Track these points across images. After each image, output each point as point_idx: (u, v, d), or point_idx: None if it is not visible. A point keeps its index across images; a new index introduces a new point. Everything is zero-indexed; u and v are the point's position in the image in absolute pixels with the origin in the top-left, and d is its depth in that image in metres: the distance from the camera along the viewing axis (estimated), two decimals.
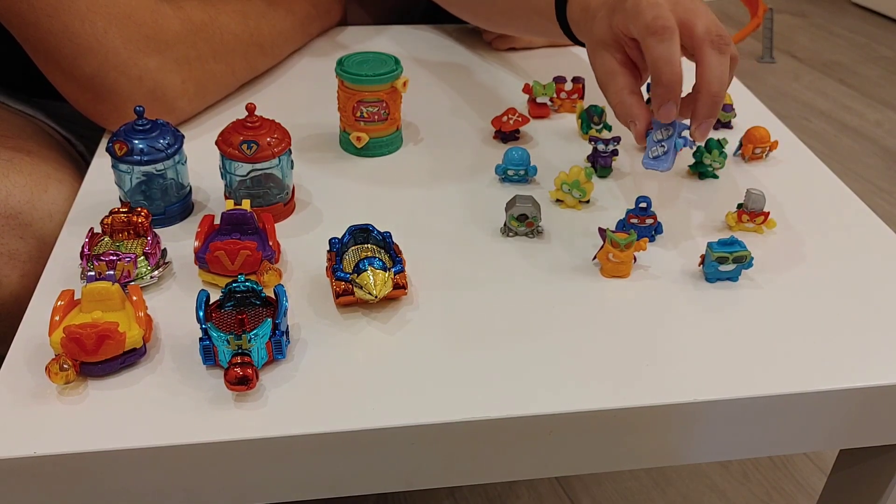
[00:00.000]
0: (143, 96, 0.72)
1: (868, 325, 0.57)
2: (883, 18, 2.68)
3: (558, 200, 0.69)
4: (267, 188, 0.65)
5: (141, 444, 0.47)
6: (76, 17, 0.68)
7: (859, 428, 0.56)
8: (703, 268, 0.61)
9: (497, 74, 0.91)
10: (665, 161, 0.63)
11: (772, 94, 2.19)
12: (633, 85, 0.64)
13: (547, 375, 0.52)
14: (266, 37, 0.84)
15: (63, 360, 0.49)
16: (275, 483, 0.50)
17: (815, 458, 1.13)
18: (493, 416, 0.49)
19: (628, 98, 0.64)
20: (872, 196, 1.76)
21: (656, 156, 0.63)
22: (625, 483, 1.09)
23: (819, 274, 0.62)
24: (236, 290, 0.53)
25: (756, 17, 2.32)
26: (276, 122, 0.65)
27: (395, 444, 0.50)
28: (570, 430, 0.51)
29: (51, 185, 0.67)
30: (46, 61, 0.71)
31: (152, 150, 0.62)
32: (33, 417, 0.48)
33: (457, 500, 1.06)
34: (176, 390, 0.50)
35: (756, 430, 0.54)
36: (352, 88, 0.72)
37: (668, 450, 0.54)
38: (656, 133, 0.63)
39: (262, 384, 0.51)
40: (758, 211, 0.65)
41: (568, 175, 0.67)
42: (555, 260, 0.62)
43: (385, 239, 0.59)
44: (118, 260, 0.56)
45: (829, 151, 1.93)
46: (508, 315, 0.57)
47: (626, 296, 0.59)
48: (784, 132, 0.80)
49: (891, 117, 2.09)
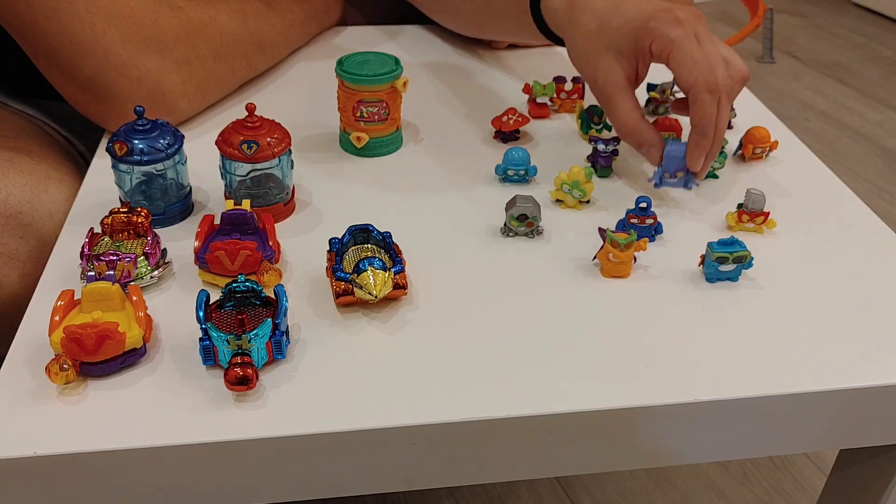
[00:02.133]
0: (143, 97, 0.72)
1: (868, 325, 0.57)
2: (883, 18, 2.68)
3: (558, 200, 0.69)
4: (267, 188, 0.65)
5: (141, 444, 0.47)
6: (75, 19, 0.68)
7: (859, 428, 0.56)
8: (703, 268, 0.61)
9: (497, 74, 0.91)
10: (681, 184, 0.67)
11: (772, 94, 2.19)
12: (639, 106, 0.68)
13: (547, 375, 0.52)
14: (266, 36, 0.84)
15: (63, 360, 0.49)
16: (275, 483, 0.50)
17: (815, 458, 1.13)
18: (493, 416, 0.49)
19: (642, 124, 0.68)
20: (872, 196, 1.76)
21: (670, 182, 0.67)
22: (625, 483, 1.09)
23: (819, 274, 0.62)
24: (236, 290, 0.53)
25: (756, 17, 2.32)
26: (276, 122, 0.65)
27: (395, 444, 0.50)
28: (570, 430, 0.51)
29: (51, 185, 0.67)
30: (46, 62, 0.71)
31: (152, 150, 0.62)
32: (33, 417, 0.48)
33: (457, 500, 1.06)
34: (176, 390, 0.50)
35: (756, 430, 0.54)
36: (352, 88, 0.72)
37: (668, 450, 0.54)
38: (668, 170, 0.67)
39: (262, 384, 0.51)
40: (758, 211, 0.65)
41: (568, 175, 0.67)
42: (555, 260, 0.62)
43: (385, 239, 0.59)
44: (118, 260, 0.56)
45: (829, 151, 1.93)
46: (508, 315, 0.57)
47: (626, 296, 0.59)
48: (784, 132, 0.80)
49: (891, 117, 2.09)
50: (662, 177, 0.67)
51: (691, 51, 0.64)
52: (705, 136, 0.65)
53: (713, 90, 0.63)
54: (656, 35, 0.65)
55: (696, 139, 0.65)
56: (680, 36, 0.64)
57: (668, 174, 0.66)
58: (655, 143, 0.67)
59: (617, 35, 0.67)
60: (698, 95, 0.64)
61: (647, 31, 0.66)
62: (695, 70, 0.64)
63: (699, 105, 0.64)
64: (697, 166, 0.66)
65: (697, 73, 0.63)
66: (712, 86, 0.63)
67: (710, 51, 0.64)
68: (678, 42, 0.64)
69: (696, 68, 0.63)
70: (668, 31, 0.65)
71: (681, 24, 0.65)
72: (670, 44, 0.64)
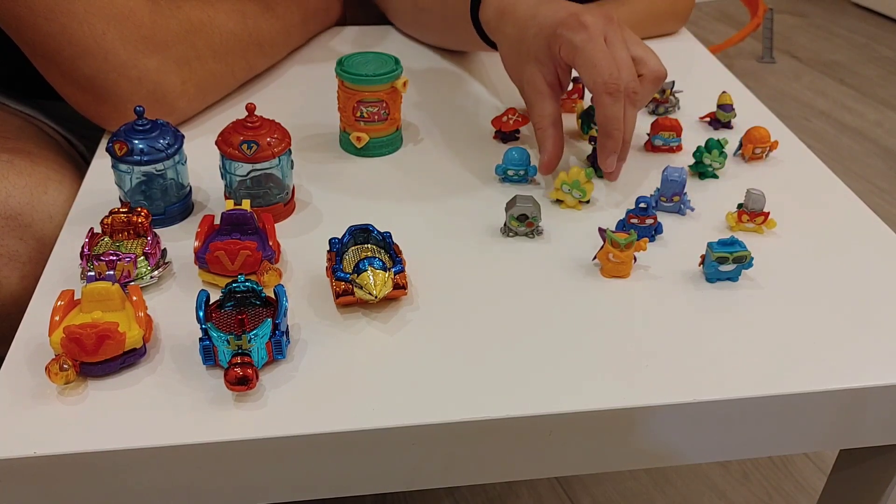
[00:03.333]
0: (143, 97, 0.72)
1: (868, 326, 0.57)
2: (883, 18, 2.68)
3: (558, 200, 0.69)
4: (267, 188, 0.65)
5: (141, 444, 0.47)
6: (74, 19, 0.68)
7: (859, 428, 0.56)
8: (703, 268, 0.61)
9: (497, 74, 0.91)
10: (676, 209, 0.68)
11: (772, 94, 2.19)
12: (556, 113, 0.71)
13: (547, 375, 0.52)
14: (265, 36, 0.84)
15: (63, 360, 0.49)
16: (275, 483, 0.50)
17: (815, 458, 1.13)
18: (493, 416, 0.49)
19: (549, 129, 0.70)
20: (872, 196, 1.76)
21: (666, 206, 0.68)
22: (625, 483, 1.09)
23: (819, 274, 0.62)
24: (236, 290, 0.53)
25: (756, 17, 2.32)
26: (276, 122, 0.65)
27: (395, 444, 0.50)
28: (570, 430, 0.51)
29: (51, 187, 0.67)
30: (45, 63, 0.71)
31: (152, 150, 0.62)
32: (33, 417, 0.48)
33: (457, 500, 1.06)
34: (176, 390, 0.50)
35: (756, 430, 0.54)
36: (352, 88, 0.72)
37: (668, 450, 0.54)
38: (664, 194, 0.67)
39: (262, 384, 0.51)
40: (758, 211, 0.65)
41: (568, 175, 0.67)
42: (555, 260, 0.62)
43: (385, 239, 0.59)
44: (118, 260, 0.56)
45: (829, 151, 1.93)
46: (508, 315, 0.57)
47: (626, 296, 0.59)
48: (784, 132, 0.80)
49: (891, 117, 2.09)
50: (659, 200, 0.68)
51: (592, 55, 0.65)
52: (609, 137, 0.66)
53: (613, 92, 0.65)
54: (563, 41, 0.67)
55: (602, 140, 0.67)
56: (583, 40, 0.66)
57: (664, 198, 0.67)
58: (551, 153, 0.70)
59: (534, 43, 0.70)
60: (598, 98, 0.66)
61: (556, 37, 0.68)
62: (595, 73, 0.65)
63: (600, 107, 0.66)
64: (608, 167, 0.68)
65: (597, 75, 0.65)
66: (611, 88, 0.65)
67: (618, 53, 0.66)
68: (581, 47, 0.66)
69: (596, 71, 0.65)
70: (572, 37, 0.66)
71: (586, 28, 0.66)
72: (574, 49, 0.66)
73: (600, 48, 0.66)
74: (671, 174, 0.66)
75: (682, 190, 0.67)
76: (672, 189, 0.67)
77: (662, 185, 0.67)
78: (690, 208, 0.68)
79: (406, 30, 0.99)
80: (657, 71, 0.69)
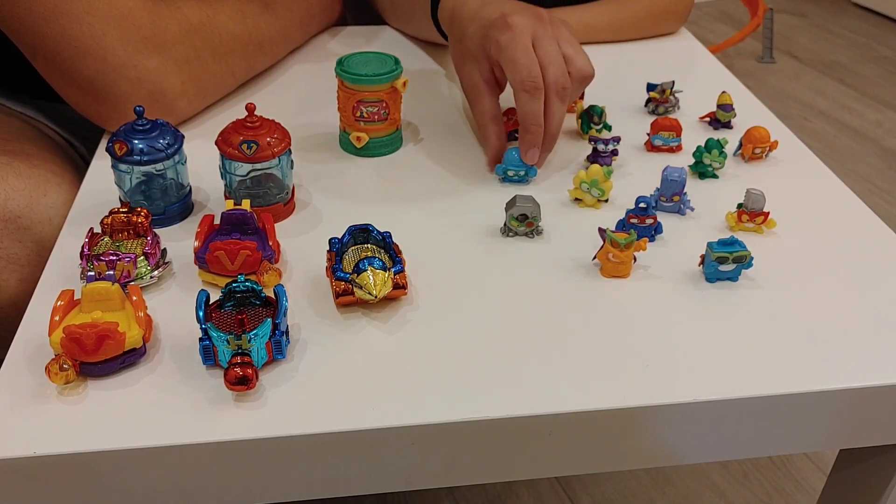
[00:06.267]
0: (143, 97, 0.72)
1: (868, 325, 0.57)
2: (883, 18, 2.68)
3: (577, 199, 0.69)
4: (267, 188, 0.65)
5: (141, 444, 0.47)
6: (74, 20, 0.68)
7: (859, 428, 0.56)
8: (703, 268, 0.61)
9: None
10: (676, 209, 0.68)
11: (772, 94, 2.19)
12: (495, 109, 0.73)
13: (547, 375, 0.52)
14: (265, 36, 0.84)
15: (63, 360, 0.49)
16: (274, 483, 0.50)
17: (815, 458, 1.13)
18: (493, 416, 0.49)
19: (490, 125, 0.73)
20: (872, 196, 1.76)
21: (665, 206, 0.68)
22: (625, 483, 1.09)
23: (819, 274, 0.62)
24: (236, 290, 0.53)
25: (756, 17, 2.32)
26: (276, 122, 0.65)
27: (395, 444, 0.50)
28: (570, 430, 0.51)
29: (50, 189, 0.67)
30: (45, 64, 0.71)
31: (152, 150, 0.62)
32: (33, 417, 0.48)
33: (457, 500, 1.06)
34: (176, 390, 0.50)
35: (756, 430, 0.54)
36: (352, 88, 0.72)
37: (668, 450, 0.54)
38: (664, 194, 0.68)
39: (261, 384, 0.51)
40: (758, 211, 0.65)
41: (587, 174, 0.67)
42: (555, 260, 0.62)
43: (385, 239, 0.59)
44: (118, 260, 0.56)
45: (829, 151, 1.93)
46: (508, 315, 0.57)
47: (626, 296, 0.59)
48: (784, 132, 0.80)
49: (891, 117, 2.09)
50: (658, 200, 0.68)
51: (513, 54, 0.68)
52: (528, 132, 0.69)
53: (529, 89, 0.67)
54: (491, 41, 0.70)
55: (521, 135, 0.69)
56: (507, 40, 0.68)
57: (664, 198, 0.67)
58: (494, 147, 0.73)
59: (471, 43, 0.73)
60: (517, 94, 0.68)
61: (486, 38, 0.71)
62: (514, 71, 0.68)
63: (518, 103, 0.69)
64: (530, 160, 0.70)
65: (516, 73, 0.68)
66: (528, 85, 0.67)
67: (546, 50, 0.68)
68: (504, 46, 0.68)
69: (516, 69, 0.68)
70: (498, 37, 0.69)
71: (511, 28, 0.69)
72: (499, 49, 0.69)
73: (521, 47, 0.68)
74: (671, 174, 0.66)
75: (681, 190, 0.67)
76: (672, 189, 0.67)
77: (662, 184, 0.67)
78: (690, 208, 0.68)
79: (389, 22, 1.01)
80: (583, 70, 0.70)
